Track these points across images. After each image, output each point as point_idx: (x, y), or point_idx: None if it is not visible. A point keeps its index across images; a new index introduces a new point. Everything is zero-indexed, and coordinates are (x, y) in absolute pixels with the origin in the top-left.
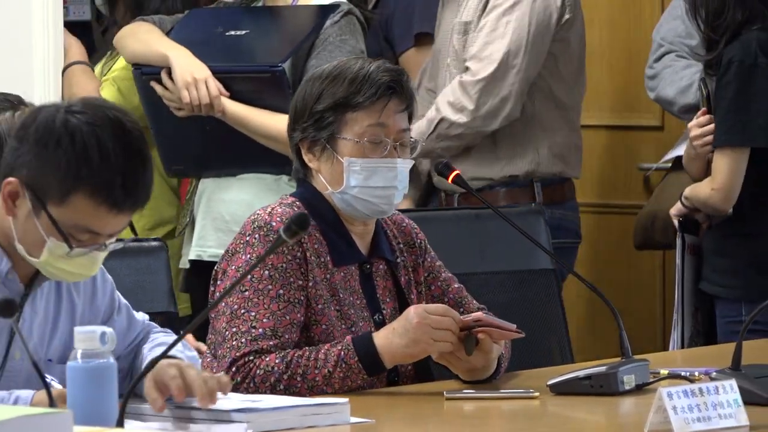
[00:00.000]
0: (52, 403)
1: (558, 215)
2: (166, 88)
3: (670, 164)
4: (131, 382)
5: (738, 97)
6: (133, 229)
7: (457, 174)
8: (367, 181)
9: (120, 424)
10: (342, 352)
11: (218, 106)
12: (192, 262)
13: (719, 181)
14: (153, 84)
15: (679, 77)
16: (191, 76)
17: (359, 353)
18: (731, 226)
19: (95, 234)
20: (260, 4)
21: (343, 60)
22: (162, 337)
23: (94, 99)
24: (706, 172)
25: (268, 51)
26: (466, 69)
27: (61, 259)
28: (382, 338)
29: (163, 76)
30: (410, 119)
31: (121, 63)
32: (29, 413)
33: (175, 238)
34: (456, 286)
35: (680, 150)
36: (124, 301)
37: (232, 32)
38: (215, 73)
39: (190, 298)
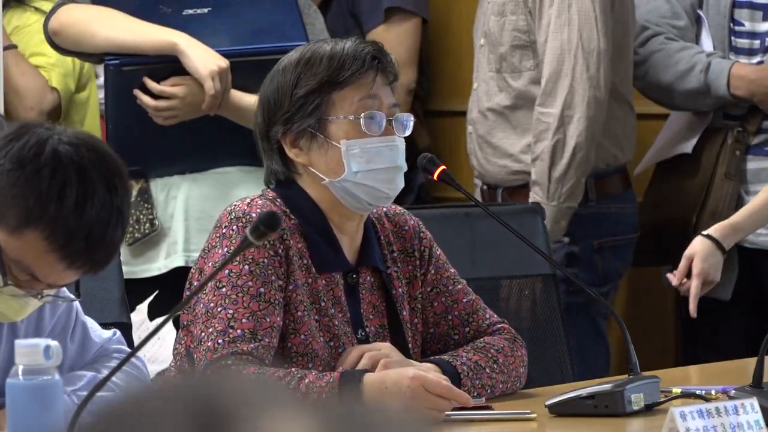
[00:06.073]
0: None
1: (615, 209)
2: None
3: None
4: (76, 409)
5: None
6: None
7: (444, 170)
8: (369, 164)
9: None
10: (324, 393)
11: (227, 100)
12: (172, 271)
13: None
14: (148, 81)
15: (675, 61)
16: (216, 65)
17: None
18: None
19: (35, 279)
20: None
21: (308, 45)
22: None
23: (92, 138)
24: None
25: (264, 30)
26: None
27: None
28: (371, 391)
29: (148, 76)
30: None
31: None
32: None
33: (130, 245)
34: (466, 300)
35: (666, 151)
36: (84, 321)
37: (190, 11)
38: (228, 57)
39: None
